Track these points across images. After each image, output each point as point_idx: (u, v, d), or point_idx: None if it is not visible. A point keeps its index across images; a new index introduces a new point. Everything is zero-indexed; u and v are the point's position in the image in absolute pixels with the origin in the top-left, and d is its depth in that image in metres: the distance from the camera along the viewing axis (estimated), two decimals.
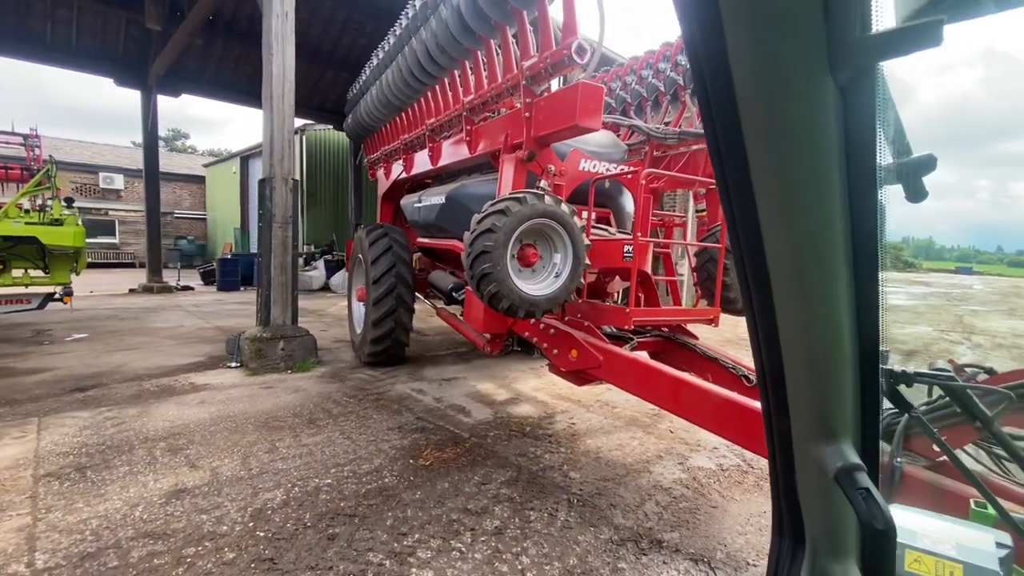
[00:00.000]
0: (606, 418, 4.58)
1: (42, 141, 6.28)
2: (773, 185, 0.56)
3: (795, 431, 0.68)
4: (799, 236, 0.57)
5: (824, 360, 0.63)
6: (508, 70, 3.86)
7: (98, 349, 6.18)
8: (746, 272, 0.64)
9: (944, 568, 0.82)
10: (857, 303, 0.60)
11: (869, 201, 0.57)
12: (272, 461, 3.40)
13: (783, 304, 0.62)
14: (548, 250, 3.34)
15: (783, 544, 0.79)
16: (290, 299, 5.76)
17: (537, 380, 5.74)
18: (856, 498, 0.58)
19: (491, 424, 4.28)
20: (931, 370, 0.95)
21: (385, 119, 6.56)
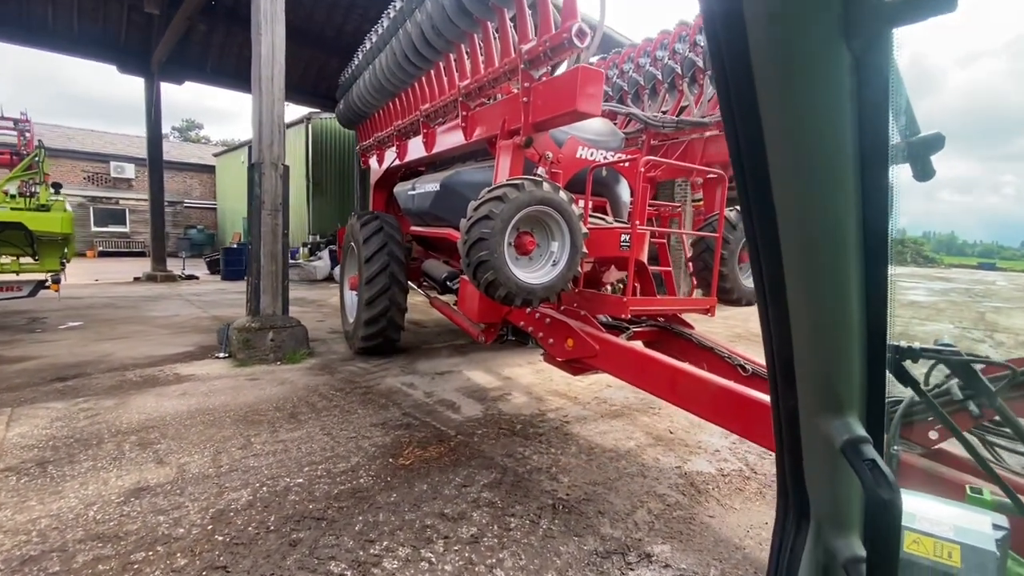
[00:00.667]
0: (602, 417, 4.35)
1: (34, 127, 6.18)
2: (786, 156, 0.56)
3: (802, 406, 0.69)
4: (811, 209, 0.57)
5: (833, 334, 0.63)
6: (506, 54, 3.72)
7: (89, 338, 6.09)
8: (758, 245, 0.64)
9: (942, 549, 0.83)
10: (866, 277, 0.60)
11: (881, 176, 0.56)
12: (244, 458, 3.24)
13: (793, 279, 0.62)
14: (546, 238, 3.26)
15: (788, 519, 0.79)
16: (280, 288, 5.60)
17: (534, 376, 5.53)
18: (863, 469, 0.58)
19: (480, 421, 4.08)
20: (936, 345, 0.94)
21: (378, 105, 6.40)
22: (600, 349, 3.21)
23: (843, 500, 0.71)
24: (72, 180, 22.53)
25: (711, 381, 2.49)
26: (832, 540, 0.72)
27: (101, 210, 22.45)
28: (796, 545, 0.78)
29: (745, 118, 0.57)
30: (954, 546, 0.83)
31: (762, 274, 0.66)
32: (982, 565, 0.82)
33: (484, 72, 4.00)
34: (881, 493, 0.57)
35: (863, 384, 0.66)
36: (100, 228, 22.35)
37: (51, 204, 5.54)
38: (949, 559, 0.83)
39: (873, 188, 0.57)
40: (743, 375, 3.09)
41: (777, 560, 0.81)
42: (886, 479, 0.58)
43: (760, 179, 0.59)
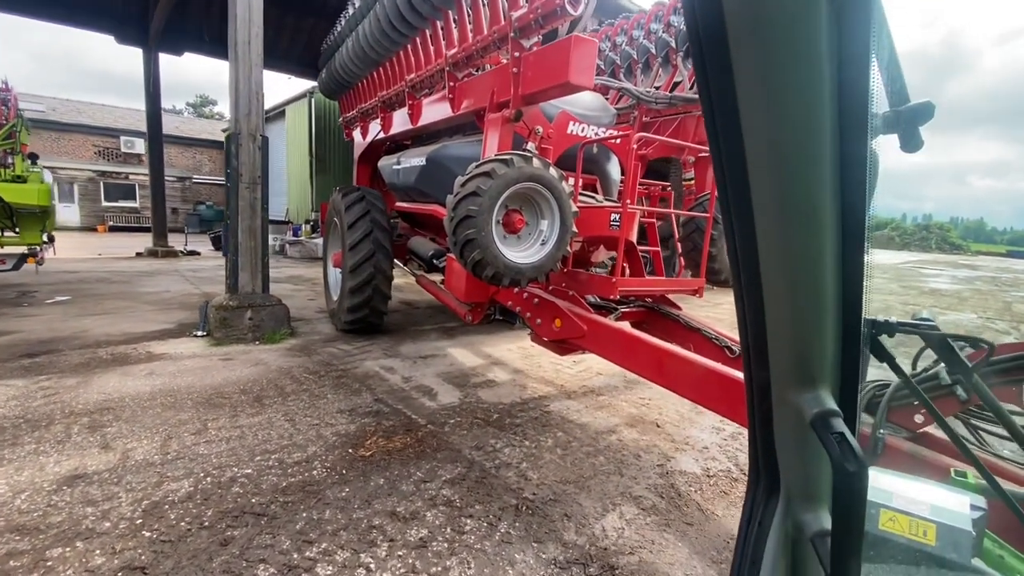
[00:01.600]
0: (586, 407, 4.09)
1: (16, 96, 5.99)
2: (762, 123, 0.53)
3: (774, 379, 0.68)
4: (787, 177, 0.55)
5: (807, 307, 0.62)
6: (495, 21, 3.52)
7: (71, 313, 5.99)
8: (731, 214, 0.62)
9: (917, 527, 0.83)
10: (843, 249, 0.59)
11: (860, 144, 0.54)
12: (195, 444, 3.06)
13: (767, 250, 0.60)
14: (535, 216, 3.16)
15: (758, 491, 0.79)
16: (260, 265, 5.40)
17: (522, 361, 5.28)
18: (830, 442, 0.58)
19: (455, 410, 3.85)
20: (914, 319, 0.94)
21: (361, 74, 6.08)
22: (588, 330, 3.16)
23: (812, 474, 0.70)
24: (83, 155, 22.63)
25: (697, 362, 2.45)
26: (801, 514, 0.72)
27: (111, 185, 22.54)
28: (765, 519, 0.76)
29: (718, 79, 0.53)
30: (930, 524, 0.83)
31: (735, 245, 0.63)
32: (957, 543, 0.81)
33: (472, 41, 3.78)
34: (848, 466, 0.56)
35: (836, 358, 0.65)
36: (110, 203, 22.48)
37: (27, 175, 5.38)
38: (924, 537, 0.83)
39: (851, 156, 0.54)
40: (730, 356, 3.03)
41: (746, 534, 0.79)
42: (853, 452, 0.57)
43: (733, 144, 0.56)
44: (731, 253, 0.67)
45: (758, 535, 0.77)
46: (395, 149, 6.11)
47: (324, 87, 7.64)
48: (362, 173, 6.96)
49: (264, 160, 5.31)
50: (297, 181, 17.00)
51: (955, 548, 0.82)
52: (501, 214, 3.00)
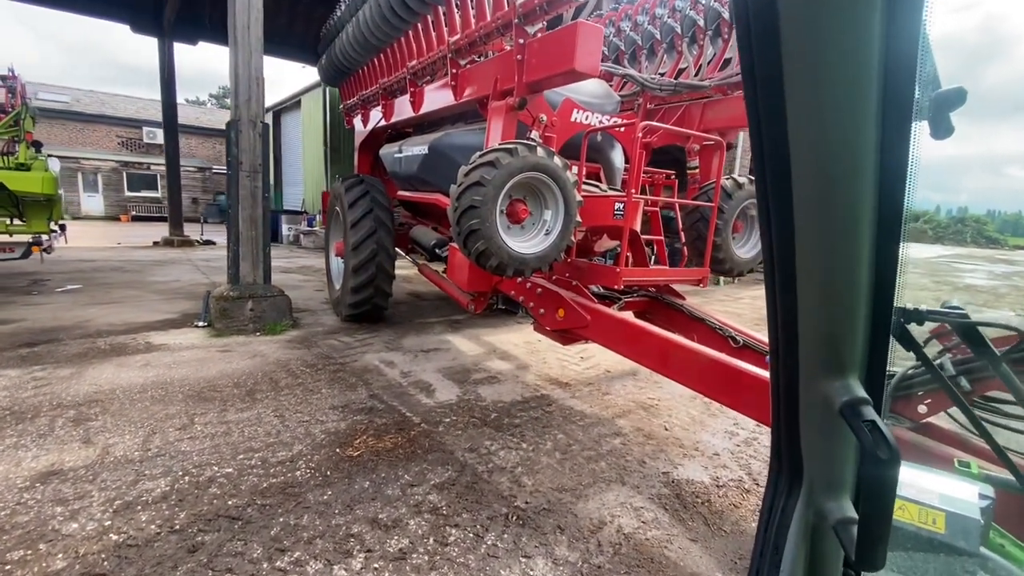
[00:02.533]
0: (592, 407, 3.89)
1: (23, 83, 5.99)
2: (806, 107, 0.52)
3: (803, 367, 0.67)
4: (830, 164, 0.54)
5: (842, 296, 0.61)
6: (499, 7, 3.46)
7: (79, 302, 6.00)
8: (768, 200, 0.61)
9: (927, 516, 0.84)
10: (878, 234, 0.58)
11: (902, 132, 0.53)
12: (178, 440, 2.96)
13: (805, 238, 0.59)
14: (539, 206, 3.12)
15: (780, 480, 0.78)
16: (261, 255, 5.30)
17: (529, 356, 5.10)
18: (862, 430, 0.58)
19: (452, 407, 3.69)
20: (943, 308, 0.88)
21: (362, 60, 5.95)
22: (591, 320, 3.15)
23: (837, 462, 0.70)
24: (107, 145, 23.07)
25: (701, 353, 2.44)
26: (824, 502, 0.72)
27: (134, 175, 22.94)
28: (787, 507, 0.77)
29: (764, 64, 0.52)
30: (939, 513, 0.83)
31: (770, 229, 0.62)
32: (966, 531, 0.81)
33: (475, 27, 3.69)
34: (880, 454, 0.55)
35: (866, 346, 0.64)
36: (133, 193, 22.89)
37: (31, 164, 5.37)
38: (933, 525, 0.83)
39: (894, 137, 0.53)
40: (733, 347, 3.02)
41: (767, 521, 0.79)
42: (886, 440, 0.56)
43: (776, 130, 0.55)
44: (765, 240, 0.65)
45: (780, 523, 0.77)
46: (397, 137, 6.03)
47: (324, 74, 7.51)
48: (363, 161, 6.86)
49: (265, 147, 5.19)
50: (313, 171, 17.01)
51: (964, 536, 0.81)
52: (505, 204, 2.96)
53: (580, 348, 5.44)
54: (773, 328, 0.70)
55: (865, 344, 0.64)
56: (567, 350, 5.39)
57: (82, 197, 21.34)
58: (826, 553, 0.74)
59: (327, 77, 7.52)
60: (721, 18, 4.18)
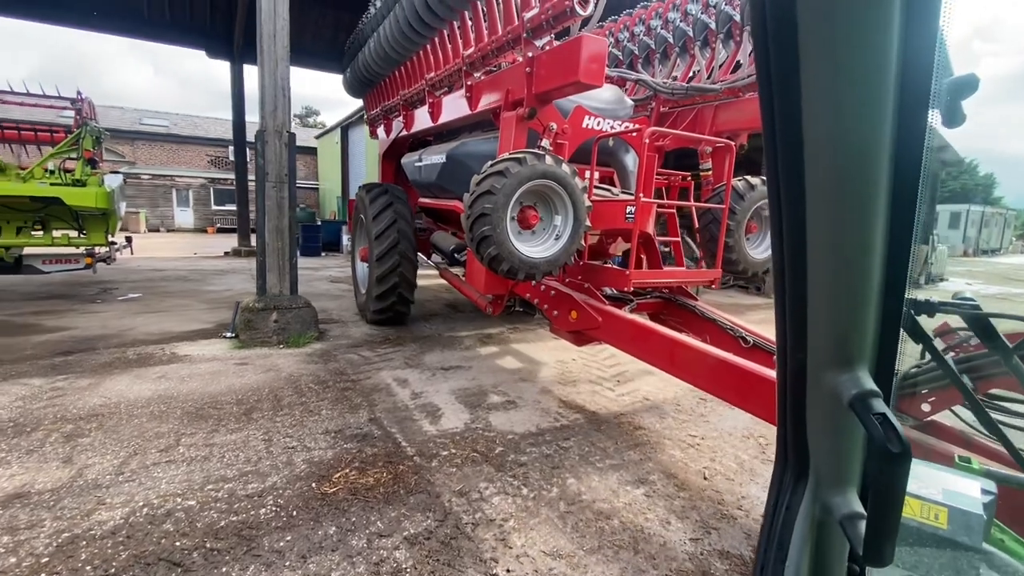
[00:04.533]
0: (618, 444, 3.34)
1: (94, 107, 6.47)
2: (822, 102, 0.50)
3: (811, 361, 0.66)
4: (845, 156, 0.53)
5: (852, 288, 0.60)
6: (509, 22, 3.61)
7: (132, 310, 6.29)
8: (779, 192, 0.60)
9: (929, 511, 0.84)
10: (891, 228, 0.57)
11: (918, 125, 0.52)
12: (156, 464, 2.79)
13: (816, 231, 0.58)
14: (548, 212, 3.23)
15: (786, 474, 0.77)
16: (287, 266, 5.24)
17: (557, 379, 4.61)
18: (872, 423, 0.57)
19: (454, 438, 3.30)
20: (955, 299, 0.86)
21: (384, 73, 6.25)
22: (602, 321, 3.23)
23: (844, 456, 0.69)
24: (198, 164, 25.28)
25: (709, 353, 2.47)
26: (830, 496, 0.70)
27: (219, 190, 24.88)
28: (793, 502, 0.75)
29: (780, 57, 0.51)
30: (942, 508, 0.84)
31: (781, 226, 0.61)
32: (968, 527, 0.81)
33: (487, 41, 3.87)
34: (891, 447, 0.54)
35: (876, 338, 0.63)
36: (219, 207, 24.83)
37: (86, 179, 5.71)
38: (936, 521, 0.83)
39: (910, 129, 0.52)
40: (744, 347, 3.03)
41: (773, 515, 0.77)
42: (897, 433, 0.55)
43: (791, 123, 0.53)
44: (776, 232, 0.64)
45: (785, 518, 0.75)
46: (417, 146, 6.19)
47: (348, 86, 7.82)
48: (387, 170, 7.08)
49: (291, 158, 5.13)
50: None
51: (967, 531, 0.81)
52: (516, 211, 3.07)
53: (617, 371, 4.90)
54: (781, 320, 0.69)
55: (875, 336, 0.63)
56: (601, 372, 4.86)
57: (175, 211, 23.46)
58: (832, 548, 0.72)
59: (351, 89, 7.81)
60: (732, 21, 4.19)
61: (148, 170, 23.35)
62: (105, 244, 6.22)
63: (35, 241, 5.80)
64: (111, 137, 23.97)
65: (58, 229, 6.01)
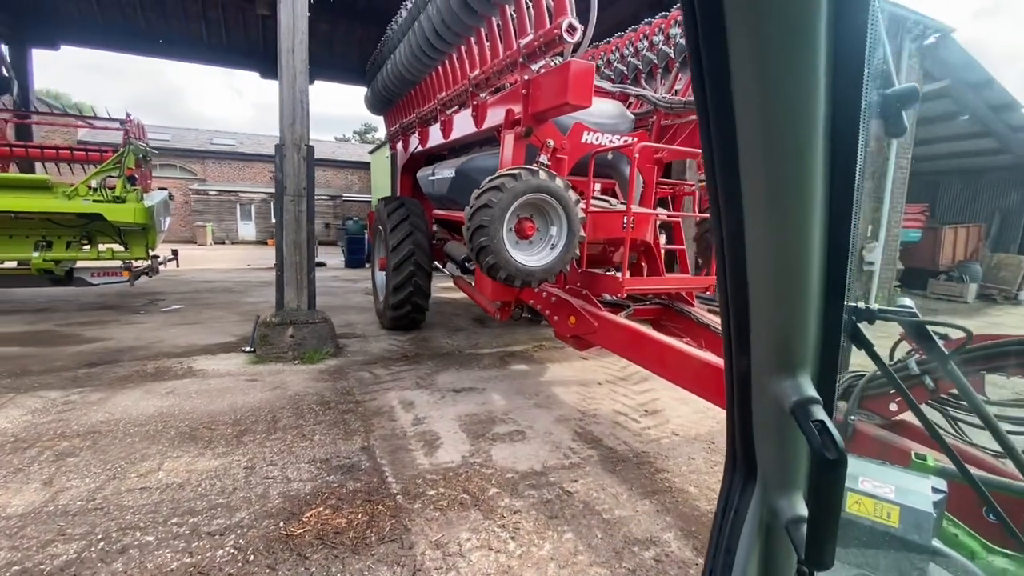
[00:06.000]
0: (633, 490, 2.92)
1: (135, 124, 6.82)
2: (754, 110, 0.51)
3: (755, 366, 0.67)
4: (778, 163, 0.54)
5: (792, 294, 0.61)
6: (508, 47, 3.86)
7: (169, 322, 6.49)
8: (719, 202, 0.60)
9: (883, 510, 0.86)
10: (829, 237, 0.58)
11: (851, 130, 0.52)
12: (130, 490, 2.67)
13: (755, 237, 0.59)
14: (545, 223, 3.38)
15: (734, 479, 0.78)
16: (305, 281, 5.18)
17: (577, 407, 4.21)
18: (811, 430, 0.57)
19: (446, 474, 2.99)
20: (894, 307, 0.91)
21: (401, 93, 6.70)
22: (599, 326, 3.36)
23: (789, 461, 0.69)
24: (261, 180, 26.73)
25: (695, 356, 2.57)
26: (776, 501, 0.71)
27: None
28: (740, 507, 0.76)
29: (712, 67, 0.51)
30: (894, 507, 0.86)
31: (722, 232, 0.62)
32: (919, 525, 0.84)
33: (490, 64, 4.12)
34: (827, 454, 0.55)
35: (817, 345, 0.64)
36: None
37: (125, 196, 5.97)
38: (888, 519, 0.85)
39: (843, 138, 0.52)
40: None
41: (721, 522, 0.78)
42: (833, 441, 0.55)
43: (725, 130, 0.54)
44: (717, 240, 0.65)
45: (733, 523, 0.75)
46: (432, 161, 6.54)
47: (369, 104, 8.37)
48: (405, 183, 7.43)
49: (310, 171, 5.09)
50: None
51: (917, 530, 0.83)
52: (512, 222, 3.24)
53: (648, 398, 4.43)
54: (726, 327, 0.69)
55: (817, 343, 0.64)
56: (629, 399, 4.40)
57: (239, 224, 24.88)
58: (779, 552, 0.73)
59: (372, 107, 8.34)
60: None
61: (216, 186, 24.96)
62: (146, 258, 6.46)
63: (83, 255, 6.11)
64: (185, 156, 25.96)
65: (103, 243, 6.31)
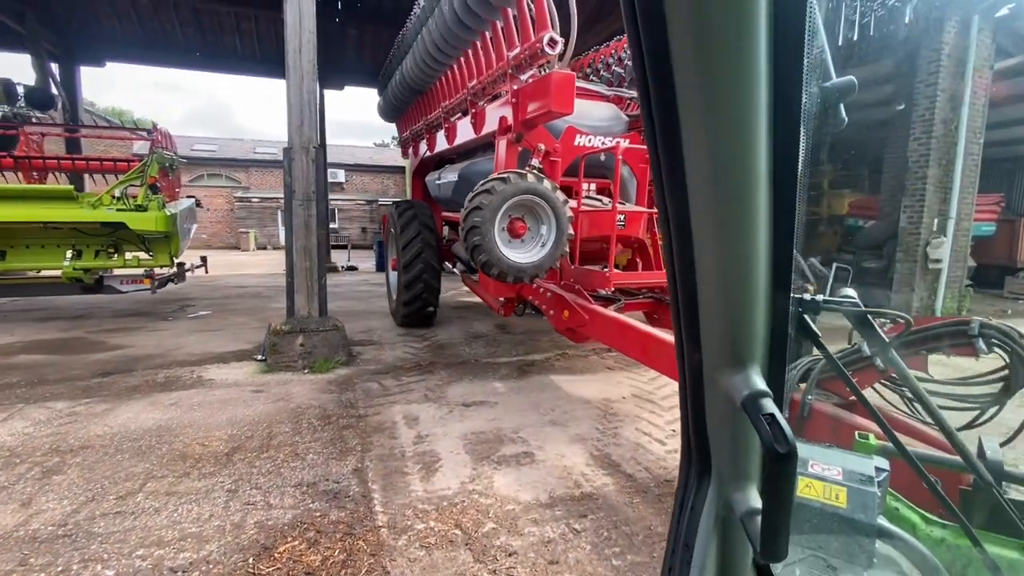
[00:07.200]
0: (651, 528, 2.53)
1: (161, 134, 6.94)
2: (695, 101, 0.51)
3: (706, 361, 0.68)
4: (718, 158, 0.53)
5: (740, 289, 0.61)
6: (500, 59, 4.07)
7: (192, 329, 6.53)
8: (665, 200, 0.61)
9: (831, 491, 0.91)
10: (774, 231, 0.58)
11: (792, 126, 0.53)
12: (103, 516, 2.52)
13: (701, 235, 0.59)
14: (536, 223, 3.56)
15: (690, 474, 0.79)
16: (316, 287, 5.03)
17: (595, 426, 3.84)
18: (761, 423, 0.58)
19: (440, 504, 2.70)
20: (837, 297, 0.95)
21: (410, 101, 7.03)
22: (589, 319, 3.50)
23: (742, 454, 0.70)
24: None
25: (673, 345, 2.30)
26: (731, 494, 0.72)
27: None
28: (697, 502, 0.76)
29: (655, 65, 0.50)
30: (841, 488, 0.90)
31: (668, 221, 0.62)
32: (864, 504, 0.88)
33: (485, 75, 4.38)
34: (778, 447, 0.55)
35: (767, 338, 0.65)
36: None
37: (147, 204, 6.04)
38: (837, 500, 0.90)
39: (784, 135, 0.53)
40: None
41: (679, 518, 0.79)
42: (783, 433, 0.55)
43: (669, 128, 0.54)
44: (664, 236, 0.65)
45: (690, 518, 0.76)
46: (441, 165, 6.85)
47: (382, 112, 8.80)
48: (416, 187, 7.81)
49: (319, 175, 4.94)
50: None
51: (863, 509, 0.88)
52: (505, 222, 3.43)
53: (675, 415, 3.99)
54: (676, 323, 0.70)
55: (766, 336, 0.64)
56: (654, 417, 3.99)
57: (279, 230, 25.65)
58: (736, 545, 0.73)
59: (385, 115, 8.77)
60: None
61: (258, 193, 25.85)
62: (170, 265, 6.54)
63: (110, 264, 6.23)
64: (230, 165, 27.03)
65: (129, 251, 6.42)
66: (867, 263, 9.13)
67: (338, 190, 28.35)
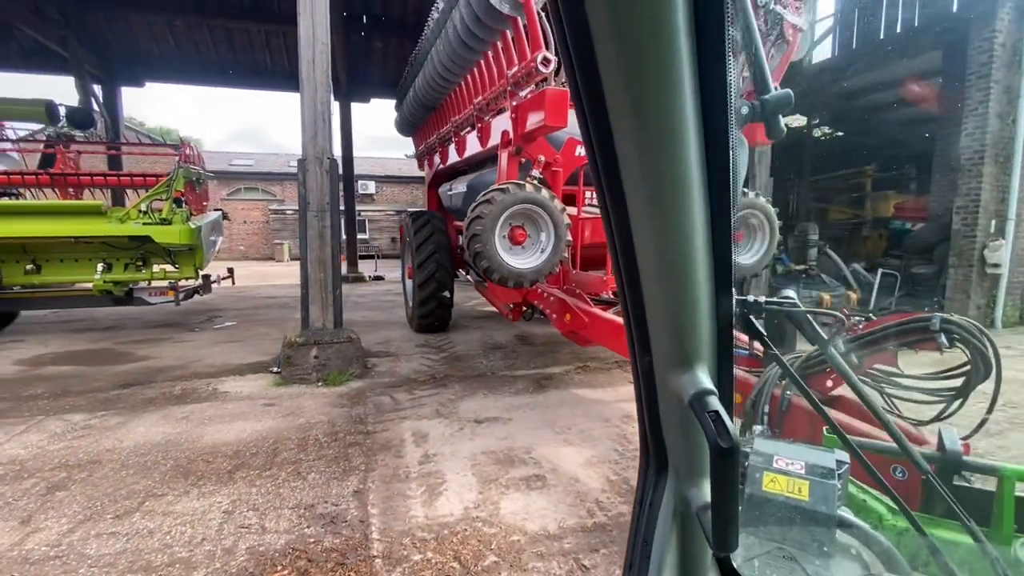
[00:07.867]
0: None
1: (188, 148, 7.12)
2: (625, 111, 0.51)
3: (656, 362, 0.69)
4: (652, 164, 0.54)
5: (681, 290, 0.63)
6: (501, 76, 4.25)
7: (214, 340, 6.61)
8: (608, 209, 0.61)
9: (794, 485, 0.93)
10: (713, 236, 0.60)
11: (722, 132, 0.55)
12: (97, 536, 2.46)
13: (643, 241, 0.61)
14: (536, 230, 3.67)
15: (648, 472, 0.81)
16: (331, 299, 4.97)
17: (616, 444, 3.61)
18: (707, 420, 0.59)
19: (440, 532, 2.53)
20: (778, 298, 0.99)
21: (423, 117, 7.38)
22: (588, 321, 3.67)
23: (695, 451, 0.72)
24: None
25: None
26: (687, 490, 0.74)
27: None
28: (655, 499, 0.78)
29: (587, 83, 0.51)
30: (803, 482, 0.93)
31: (611, 223, 0.63)
32: (825, 496, 0.91)
33: (488, 92, 4.59)
34: (721, 443, 0.57)
35: (712, 338, 0.66)
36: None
37: (171, 218, 6.16)
38: (799, 493, 0.92)
39: (715, 145, 0.54)
40: None
41: (638, 513, 0.80)
42: (726, 430, 0.58)
43: (604, 141, 0.55)
44: (609, 240, 0.66)
45: (649, 515, 0.77)
46: (453, 177, 7.10)
47: (398, 127, 9.16)
48: (431, 199, 8.16)
49: (334, 186, 4.91)
50: None
51: (824, 501, 0.91)
52: (505, 230, 3.54)
53: None
54: (628, 325, 0.71)
55: (711, 337, 0.65)
56: None
57: None
58: (694, 540, 0.75)
59: (401, 129, 9.18)
60: None
61: (292, 206, 26.55)
62: (195, 277, 6.65)
63: (138, 276, 6.39)
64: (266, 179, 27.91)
65: (156, 264, 6.57)
66: (916, 268, 8.53)
67: (368, 201, 28.83)
